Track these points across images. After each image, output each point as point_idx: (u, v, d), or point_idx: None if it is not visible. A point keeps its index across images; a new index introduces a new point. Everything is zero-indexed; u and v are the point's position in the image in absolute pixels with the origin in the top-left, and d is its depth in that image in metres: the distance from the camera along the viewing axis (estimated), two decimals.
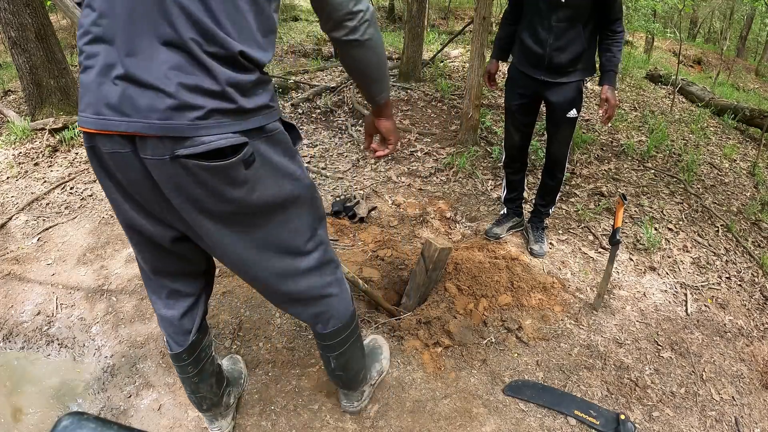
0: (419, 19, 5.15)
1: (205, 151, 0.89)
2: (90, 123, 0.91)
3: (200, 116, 0.88)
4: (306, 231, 1.15)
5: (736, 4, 13.63)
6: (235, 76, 0.89)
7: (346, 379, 1.48)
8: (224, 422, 1.55)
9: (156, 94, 0.86)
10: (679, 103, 5.76)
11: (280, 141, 1.03)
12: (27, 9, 3.53)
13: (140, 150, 0.91)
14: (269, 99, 0.99)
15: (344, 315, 1.32)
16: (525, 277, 2.32)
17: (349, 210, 2.83)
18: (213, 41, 0.86)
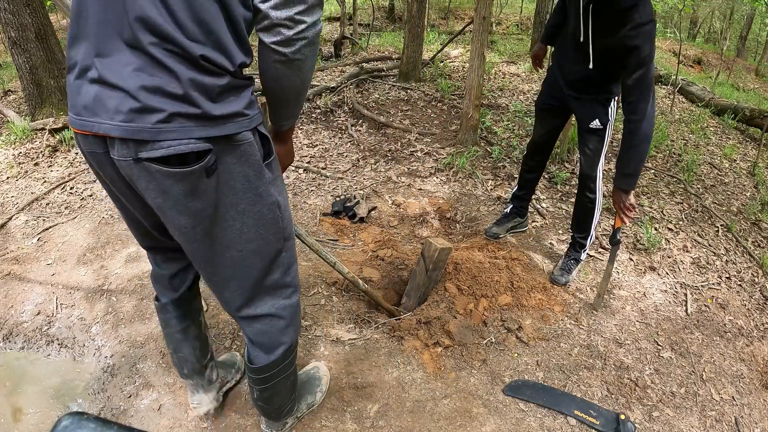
0: (419, 19, 5.15)
1: (164, 155, 0.88)
2: (72, 123, 0.94)
3: (162, 119, 0.86)
4: (266, 251, 1.12)
5: (736, 4, 13.63)
6: (200, 78, 0.87)
7: (267, 411, 1.43)
8: (205, 397, 1.53)
9: (122, 95, 0.86)
10: (679, 103, 5.76)
11: (248, 153, 0.99)
12: (27, 9, 3.53)
13: (110, 150, 0.92)
14: (243, 106, 0.95)
15: (290, 345, 1.29)
16: (525, 277, 2.32)
17: (349, 210, 2.83)
18: (173, 44, 0.84)
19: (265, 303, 1.19)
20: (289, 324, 1.26)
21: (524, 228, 2.75)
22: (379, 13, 11.66)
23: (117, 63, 0.86)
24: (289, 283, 1.22)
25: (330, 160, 3.57)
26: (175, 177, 0.90)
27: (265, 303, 1.19)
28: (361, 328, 2.01)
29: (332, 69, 5.84)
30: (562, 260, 2.45)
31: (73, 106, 0.93)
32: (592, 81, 2.04)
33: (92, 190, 3.03)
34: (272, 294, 1.20)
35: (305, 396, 1.60)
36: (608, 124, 2.10)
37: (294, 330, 1.30)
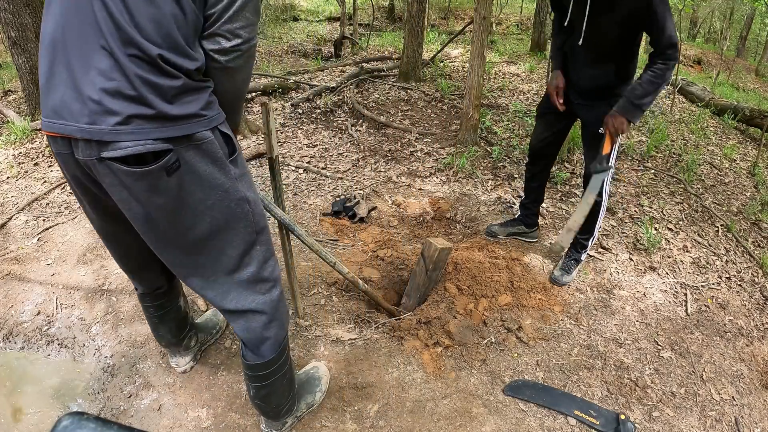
0: (419, 19, 5.15)
1: (123, 156, 0.92)
2: (43, 125, 0.99)
3: (120, 122, 0.90)
4: (238, 244, 1.14)
5: (736, 4, 13.63)
6: (155, 80, 0.90)
7: (265, 409, 1.44)
8: (181, 360, 1.74)
9: (84, 98, 0.90)
10: (679, 103, 5.76)
11: (209, 151, 1.02)
12: (27, 9, 3.53)
13: (74, 151, 0.97)
14: (200, 107, 0.98)
15: (276, 340, 1.30)
16: (525, 277, 2.32)
17: (349, 210, 2.83)
18: (132, 45, 0.88)
19: (245, 298, 1.20)
20: (272, 319, 1.26)
21: (531, 239, 2.66)
22: (379, 13, 11.66)
23: (82, 66, 0.90)
24: (267, 277, 1.23)
25: (330, 160, 3.57)
26: (134, 175, 0.94)
27: (245, 298, 1.20)
28: (361, 328, 2.01)
29: (332, 69, 5.84)
30: (563, 260, 2.43)
31: (44, 108, 0.97)
32: (604, 85, 2.04)
33: None
34: (250, 288, 1.20)
35: (304, 396, 1.61)
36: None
37: (278, 326, 1.29)
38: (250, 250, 1.17)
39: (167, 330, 1.61)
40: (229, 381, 1.75)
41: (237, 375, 1.78)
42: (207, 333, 1.85)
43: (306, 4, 12.98)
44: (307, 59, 6.85)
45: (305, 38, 8.54)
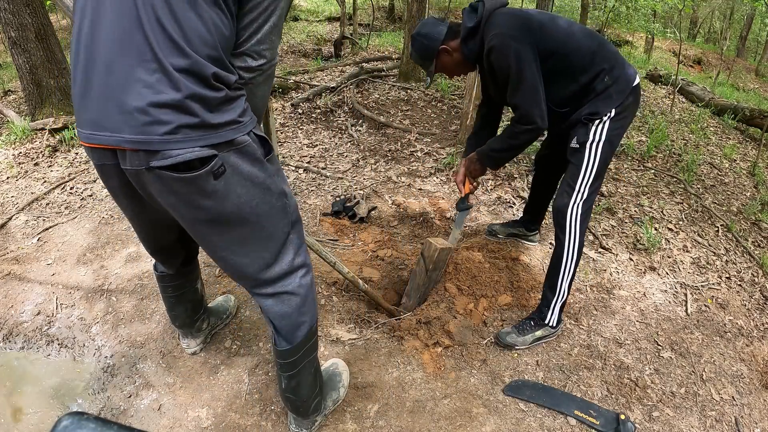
0: (419, 19, 5.14)
1: (173, 163, 0.97)
2: (82, 137, 1.03)
3: (169, 131, 0.95)
4: (278, 234, 1.23)
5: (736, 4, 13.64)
6: (203, 93, 0.96)
7: (296, 404, 1.46)
8: (192, 341, 1.82)
9: (131, 110, 0.94)
10: (679, 103, 5.76)
11: (250, 153, 1.09)
12: (27, 9, 3.53)
13: (121, 161, 1.01)
14: (237, 114, 1.04)
15: (309, 324, 1.36)
16: (525, 277, 2.32)
17: (349, 210, 2.82)
18: (184, 57, 0.93)
19: (281, 283, 1.28)
20: (305, 302, 1.33)
21: (531, 242, 2.61)
22: (379, 13, 11.66)
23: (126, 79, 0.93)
24: (301, 263, 1.31)
25: (330, 160, 3.57)
26: (183, 181, 1.00)
27: (281, 283, 1.28)
28: (361, 328, 2.01)
29: (332, 69, 5.84)
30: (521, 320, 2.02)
31: (82, 121, 1.01)
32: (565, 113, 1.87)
33: (92, 190, 3.03)
34: (287, 275, 1.28)
35: (330, 393, 1.64)
36: (588, 144, 1.78)
37: (312, 309, 1.36)
38: (287, 239, 1.26)
39: (183, 310, 1.68)
40: (229, 381, 1.75)
41: (237, 375, 1.78)
42: (218, 317, 1.93)
43: (306, 4, 12.98)
44: (307, 59, 6.85)
45: (305, 38, 8.54)
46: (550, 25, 1.77)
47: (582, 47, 1.76)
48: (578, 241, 1.86)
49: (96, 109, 0.97)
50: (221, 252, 1.19)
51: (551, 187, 2.41)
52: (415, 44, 1.88)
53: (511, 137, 1.86)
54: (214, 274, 2.27)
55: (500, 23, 1.74)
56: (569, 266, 1.89)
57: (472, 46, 1.84)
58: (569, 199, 1.84)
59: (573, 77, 1.79)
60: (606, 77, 1.77)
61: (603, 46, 1.80)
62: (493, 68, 1.81)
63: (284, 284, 1.28)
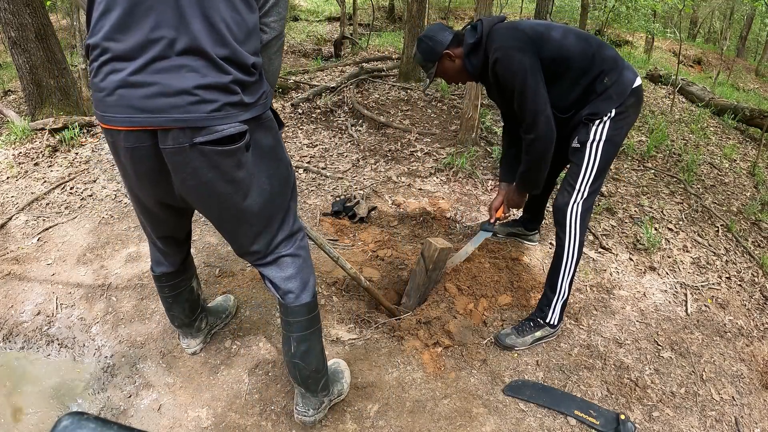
0: (419, 19, 5.15)
1: (219, 138, 1.08)
2: (114, 121, 1.07)
3: (215, 109, 1.06)
4: (285, 202, 1.35)
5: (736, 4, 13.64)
6: (243, 78, 1.08)
7: (305, 373, 1.45)
8: (192, 341, 1.83)
9: (178, 93, 1.03)
10: (679, 103, 5.76)
11: (270, 127, 1.23)
12: (27, 9, 3.53)
13: (161, 141, 1.08)
14: (262, 92, 1.17)
15: (312, 284, 1.45)
16: (525, 277, 2.32)
17: (349, 210, 2.82)
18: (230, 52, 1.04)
19: (285, 246, 1.39)
20: (306, 262, 1.43)
21: (531, 242, 2.62)
22: (379, 13, 11.66)
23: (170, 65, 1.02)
24: (299, 227, 1.43)
25: (330, 160, 3.57)
26: (225, 154, 1.10)
27: (285, 246, 1.39)
28: (361, 328, 2.01)
29: (332, 69, 5.84)
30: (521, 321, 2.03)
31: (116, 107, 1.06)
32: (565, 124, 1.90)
33: (92, 190, 3.03)
34: (290, 238, 1.39)
35: (335, 382, 1.66)
36: (588, 144, 1.80)
37: (311, 270, 1.46)
38: (290, 207, 1.38)
39: (180, 310, 1.71)
40: (229, 381, 1.76)
41: (237, 375, 1.78)
42: (217, 317, 1.94)
43: (306, 4, 12.99)
44: (307, 59, 6.85)
45: (305, 38, 8.54)
46: (547, 33, 1.81)
47: (580, 51, 1.79)
48: (578, 240, 1.86)
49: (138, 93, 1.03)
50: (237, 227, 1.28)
51: (550, 186, 2.42)
52: (421, 46, 1.93)
53: (526, 153, 1.91)
54: (214, 274, 2.27)
55: (501, 37, 1.81)
56: (569, 265, 1.89)
57: (475, 61, 1.91)
58: (569, 198, 1.85)
59: (575, 81, 1.82)
60: (605, 78, 1.79)
61: (601, 48, 1.82)
62: (498, 81, 1.86)
63: (287, 247, 1.38)
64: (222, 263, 2.35)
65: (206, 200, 1.21)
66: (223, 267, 2.32)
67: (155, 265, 1.61)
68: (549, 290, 1.95)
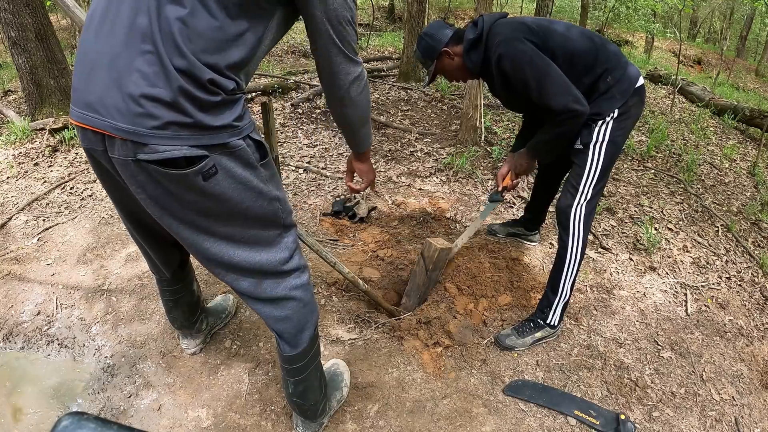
0: (419, 19, 5.15)
1: (159, 159, 0.96)
2: (73, 115, 1.02)
3: (158, 126, 0.94)
4: (270, 238, 1.21)
5: (736, 4, 13.63)
6: (198, 94, 0.95)
7: (303, 408, 1.47)
8: (192, 342, 1.83)
9: (125, 98, 0.93)
10: (679, 103, 5.76)
11: (243, 157, 1.07)
12: (27, 9, 3.53)
13: (109, 149, 0.99)
14: (233, 119, 1.02)
15: (312, 326, 1.36)
16: (525, 277, 2.32)
17: (349, 210, 2.82)
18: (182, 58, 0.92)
19: (278, 285, 1.26)
20: (304, 305, 1.32)
21: (531, 242, 2.62)
22: (379, 13, 11.66)
23: (127, 65, 0.92)
24: (296, 266, 1.29)
25: (330, 160, 3.57)
26: (169, 177, 0.99)
27: (278, 285, 1.26)
28: (361, 328, 2.01)
29: None
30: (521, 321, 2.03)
31: (78, 99, 1.00)
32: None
33: (92, 190, 3.03)
34: (282, 276, 1.26)
35: (333, 393, 1.64)
36: (592, 145, 1.79)
37: (312, 310, 1.36)
38: (280, 243, 1.24)
39: (181, 313, 1.70)
40: (229, 381, 1.76)
41: (237, 375, 1.78)
42: (216, 317, 1.94)
43: None
44: (307, 59, 6.85)
45: (305, 38, 8.54)
46: (551, 27, 1.77)
47: (584, 48, 1.76)
48: (581, 242, 1.86)
49: (93, 91, 0.96)
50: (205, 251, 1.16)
51: (553, 187, 2.41)
52: (420, 43, 1.91)
53: (556, 126, 1.76)
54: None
55: (502, 31, 1.75)
56: (572, 267, 1.88)
57: (474, 57, 1.86)
58: (573, 200, 1.84)
59: (578, 79, 1.77)
60: (609, 77, 1.76)
61: (605, 46, 1.79)
62: (507, 76, 1.77)
63: (279, 288, 1.26)
64: None
65: (159, 216, 1.10)
66: None
67: (152, 270, 1.58)
68: (550, 291, 1.95)
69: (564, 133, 1.78)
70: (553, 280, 1.93)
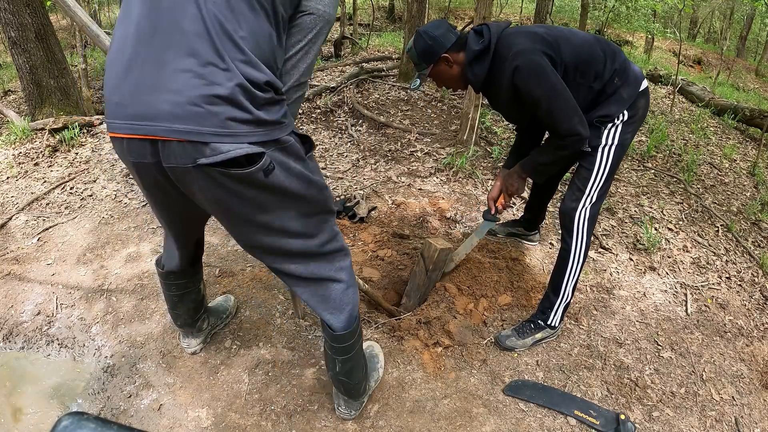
0: (419, 19, 5.14)
1: (223, 160, 0.97)
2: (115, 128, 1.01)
3: (218, 123, 0.95)
4: (319, 223, 1.27)
5: (736, 4, 13.63)
6: (253, 90, 0.98)
7: (349, 387, 1.51)
8: (193, 341, 1.84)
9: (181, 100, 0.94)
10: (679, 103, 5.76)
11: (295, 150, 1.12)
12: (27, 9, 3.53)
13: (164, 159, 1.00)
14: (281, 116, 1.06)
15: (354, 306, 1.40)
16: (525, 277, 2.32)
17: (349, 210, 2.82)
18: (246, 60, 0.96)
19: (324, 267, 1.32)
20: (350, 285, 1.38)
21: (531, 242, 2.62)
22: (379, 13, 11.66)
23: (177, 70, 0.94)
24: (339, 247, 1.35)
25: (330, 160, 3.57)
26: (233, 177, 1.01)
27: (324, 267, 1.32)
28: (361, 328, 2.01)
29: (332, 69, 5.84)
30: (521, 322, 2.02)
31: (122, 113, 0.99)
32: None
33: (92, 190, 3.03)
34: (329, 258, 1.32)
35: (371, 374, 1.70)
36: (600, 148, 1.78)
37: (355, 291, 1.41)
38: (326, 226, 1.30)
39: (185, 310, 1.70)
40: (229, 381, 1.76)
41: (237, 375, 1.78)
42: (218, 317, 1.95)
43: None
44: None
45: None
46: (563, 37, 1.72)
47: (594, 54, 1.73)
48: (585, 244, 1.85)
49: (139, 99, 0.96)
50: (263, 245, 1.22)
51: (553, 187, 2.41)
52: (419, 42, 1.76)
53: (558, 149, 1.76)
54: (214, 274, 2.27)
55: (517, 42, 1.66)
56: (574, 269, 1.87)
57: (478, 70, 1.76)
58: (578, 203, 1.82)
59: (588, 85, 1.75)
60: (616, 79, 1.74)
61: (610, 48, 1.78)
62: (519, 90, 1.69)
63: (326, 269, 1.32)
64: (222, 263, 2.35)
65: (215, 212, 1.16)
66: (223, 267, 2.32)
67: (166, 261, 1.59)
68: (552, 293, 1.94)
69: (565, 156, 1.78)
70: (555, 282, 1.92)
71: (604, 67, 1.74)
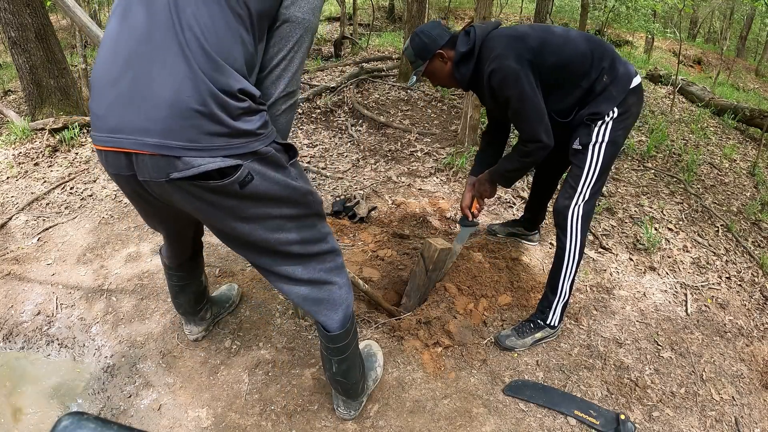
0: (419, 19, 5.14)
1: (194, 174, 0.96)
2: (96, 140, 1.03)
3: (190, 137, 0.94)
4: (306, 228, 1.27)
5: (736, 4, 13.64)
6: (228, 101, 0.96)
7: (346, 387, 1.52)
8: (195, 328, 1.87)
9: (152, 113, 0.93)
10: (679, 103, 5.76)
11: (275, 160, 1.10)
12: (27, 9, 3.53)
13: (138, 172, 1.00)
14: (258, 127, 1.04)
15: (348, 306, 1.40)
16: (525, 277, 2.32)
17: (349, 210, 2.82)
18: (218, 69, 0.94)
19: (314, 269, 1.32)
20: (342, 285, 1.38)
21: (531, 242, 2.62)
22: (379, 13, 11.66)
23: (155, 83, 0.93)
24: (329, 249, 1.35)
25: (330, 160, 3.57)
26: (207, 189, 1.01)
27: (314, 269, 1.32)
28: (361, 328, 2.01)
29: (332, 69, 5.84)
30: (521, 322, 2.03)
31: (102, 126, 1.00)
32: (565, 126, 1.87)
33: (92, 190, 3.03)
34: (318, 260, 1.32)
35: (369, 373, 1.70)
36: (591, 145, 1.78)
37: (349, 291, 1.40)
38: (314, 230, 1.30)
39: (186, 300, 1.74)
40: (229, 381, 1.76)
41: (237, 375, 1.78)
42: (220, 306, 1.98)
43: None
44: (307, 59, 6.85)
45: None
46: (548, 39, 1.76)
47: (581, 53, 1.75)
48: (579, 242, 1.86)
49: (115, 112, 0.97)
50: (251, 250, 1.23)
51: (551, 186, 2.41)
52: (415, 40, 1.84)
53: (522, 155, 1.85)
54: (214, 274, 2.27)
55: (497, 46, 1.73)
56: (570, 267, 1.88)
57: (464, 70, 1.83)
58: (570, 201, 1.84)
59: (575, 84, 1.78)
60: (605, 76, 1.76)
61: (600, 46, 1.79)
62: (494, 91, 1.78)
63: (317, 271, 1.32)
64: (222, 263, 2.35)
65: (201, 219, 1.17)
66: (223, 267, 2.32)
67: (166, 255, 1.63)
68: (550, 292, 1.95)
69: (529, 162, 1.86)
70: (552, 281, 1.93)
71: (591, 66, 1.75)
